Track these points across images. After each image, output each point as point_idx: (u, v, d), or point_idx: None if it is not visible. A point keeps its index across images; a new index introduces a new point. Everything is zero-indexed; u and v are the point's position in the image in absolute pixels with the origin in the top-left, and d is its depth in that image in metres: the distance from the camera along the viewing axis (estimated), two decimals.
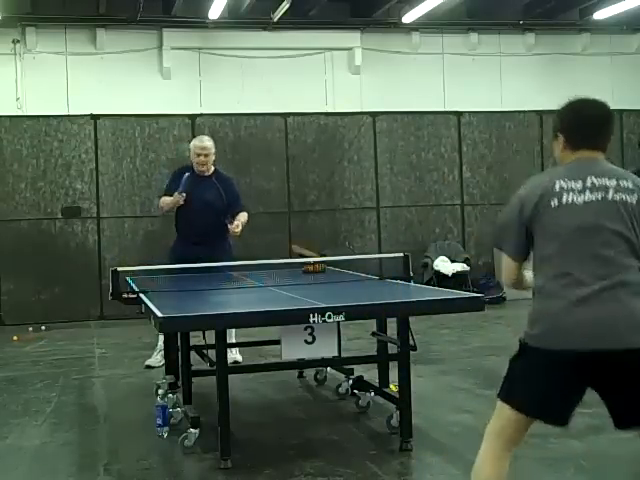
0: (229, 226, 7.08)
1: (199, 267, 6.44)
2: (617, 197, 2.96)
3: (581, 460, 4.35)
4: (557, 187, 3.00)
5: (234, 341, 7.19)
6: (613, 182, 2.99)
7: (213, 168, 7.38)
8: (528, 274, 3.20)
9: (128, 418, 5.86)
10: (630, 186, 2.99)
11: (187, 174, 7.12)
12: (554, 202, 2.99)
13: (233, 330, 7.03)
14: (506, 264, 3.14)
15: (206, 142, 7.35)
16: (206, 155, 7.25)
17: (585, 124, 3.14)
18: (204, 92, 11.66)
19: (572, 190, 2.99)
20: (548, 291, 2.98)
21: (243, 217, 7.28)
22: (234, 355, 7.29)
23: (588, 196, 2.97)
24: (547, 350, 2.94)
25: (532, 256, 3.13)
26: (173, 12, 11.13)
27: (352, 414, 5.69)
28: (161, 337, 7.17)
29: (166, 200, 7.31)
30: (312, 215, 11.94)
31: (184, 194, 7.06)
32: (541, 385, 2.98)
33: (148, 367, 7.42)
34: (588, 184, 2.99)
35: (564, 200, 2.98)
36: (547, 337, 2.95)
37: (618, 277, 2.91)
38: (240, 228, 7.11)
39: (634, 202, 2.97)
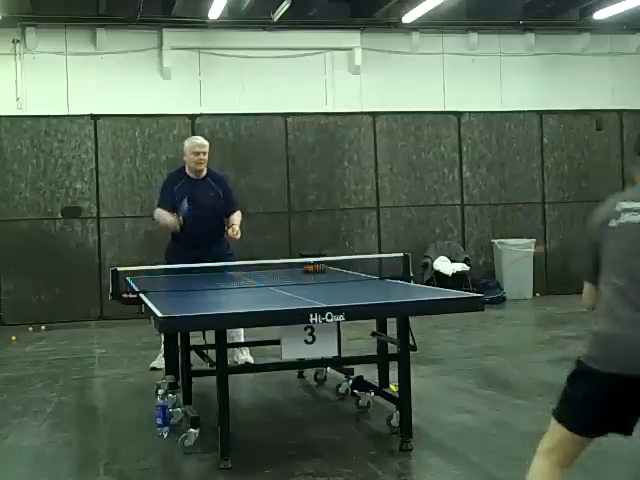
0: (229, 232, 6.98)
1: (199, 267, 6.45)
2: None
3: (581, 460, 4.34)
4: (618, 208, 3.00)
5: (242, 340, 7.16)
6: None
7: (205, 168, 7.26)
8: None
9: (128, 418, 5.85)
10: None
11: (185, 202, 6.93)
12: (612, 222, 2.99)
13: (241, 330, 7.00)
14: (585, 287, 3.19)
15: (203, 140, 7.29)
16: (204, 153, 7.15)
17: None
18: (204, 92, 11.66)
19: (630, 210, 2.97)
20: (608, 313, 2.98)
21: (238, 218, 7.16)
22: (245, 356, 7.25)
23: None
24: (611, 374, 2.90)
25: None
26: (173, 12, 11.13)
27: (352, 414, 5.69)
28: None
29: (164, 219, 7.07)
30: (312, 215, 11.94)
31: (181, 221, 6.94)
32: (602, 407, 2.95)
33: (153, 369, 7.37)
34: None
35: (622, 220, 2.97)
36: (602, 359, 2.94)
37: None
38: (239, 233, 7.00)
39: None
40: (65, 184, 11.23)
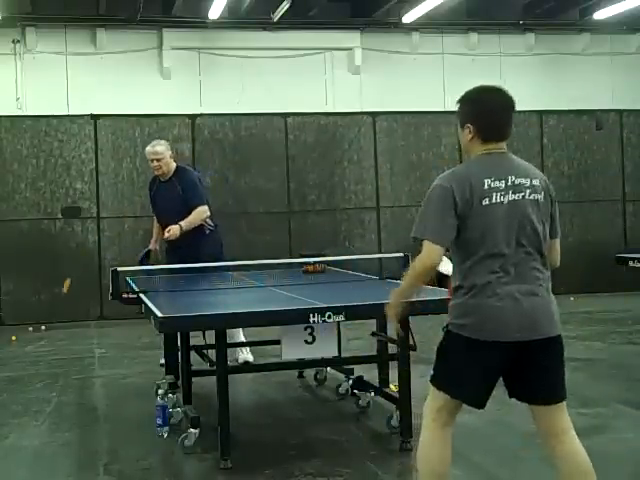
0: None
1: (199, 267, 6.45)
2: (532, 197, 3.27)
3: None
4: (486, 186, 3.23)
5: (242, 340, 7.14)
6: (528, 182, 3.29)
7: (174, 168, 7.26)
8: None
9: (128, 418, 5.85)
10: (538, 184, 3.31)
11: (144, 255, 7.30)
12: (485, 201, 3.21)
13: (240, 330, 6.99)
14: (430, 250, 3.29)
15: (157, 147, 7.21)
16: (158, 160, 7.15)
17: (495, 116, 3.43)
18: (204, 92, 11.66)
19: (498, 190, 3.23)
20: (481, 287, 3.22)
21: (191, 216, 7.03)
22: (245, 355, 7.23)
23: (511, 196, 3.23)
24: (479, 341, 3.19)
25: (456, 252, 3.35)
26: (173, 12, 11.13)
27: (352, 414, 5.69)
28: None
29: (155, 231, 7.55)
30: (312, 215, 11.94)
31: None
32: (472, 371, 3.26)
33: (163, 365, 7.35)
34: (509, 183, 3.25)
35: (493, 199, 3.22)
36: (480, 329, 3.21)
37: (537, 272, 3.24)
38: (174, 233, 6.91)
39: (542, 199, 3.30)
40: (65, 184, 11.23)
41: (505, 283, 3.20)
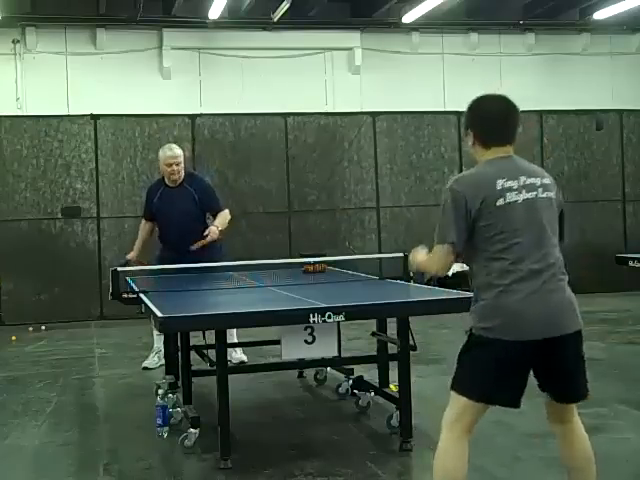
0: (207, 236, 6.95)
1: (198, 267, 6.45)
2: (545, 194, 3.37)
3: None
4: (499, 186, 3.29)
5: (235, 341, 7.15)
6: (539, 181, 3.40)
7: (183, 173, 7.21)
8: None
9: (128, 418, 5.86)
10: (549, 182, 3.45)
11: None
12: (500, 201, 3.26)
13: (234, 330, 7.00)
14: (446, 253, 3.34)
15: (176, 150, 7.17)
16: (177, 164, 7.09)
17: (492, 121, 3.58)
18: (204, 92, 11.66)
19: (511, 189, 3.30)
20: (501, 285, 3.22)
21: (221, 218, 7.15)
22: (239, 355, 7.27)
23: (525, 195, 3.31)
24: (504, 341, 3.19)
25: (472, 251, 3.35)
26: (173, 12, 11.13)
27: (352, 414, 5.69)
28: (157, 338, 7.20)
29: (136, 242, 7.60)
30: (312, 215, 11.93)
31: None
32: (500, 374, 3.24)
33: (145, 369, 7.42)
34: (522, 183, 3.33)
35: (507, 199, 3.27)
36: (505, 329, 3.20)
37: (556, 268, 3.28)
38: (215, 232, 6.96)
39: (553, 196, 3.41)
40: (65, 184, 11.23)
41: (527, 281, 3.21)
